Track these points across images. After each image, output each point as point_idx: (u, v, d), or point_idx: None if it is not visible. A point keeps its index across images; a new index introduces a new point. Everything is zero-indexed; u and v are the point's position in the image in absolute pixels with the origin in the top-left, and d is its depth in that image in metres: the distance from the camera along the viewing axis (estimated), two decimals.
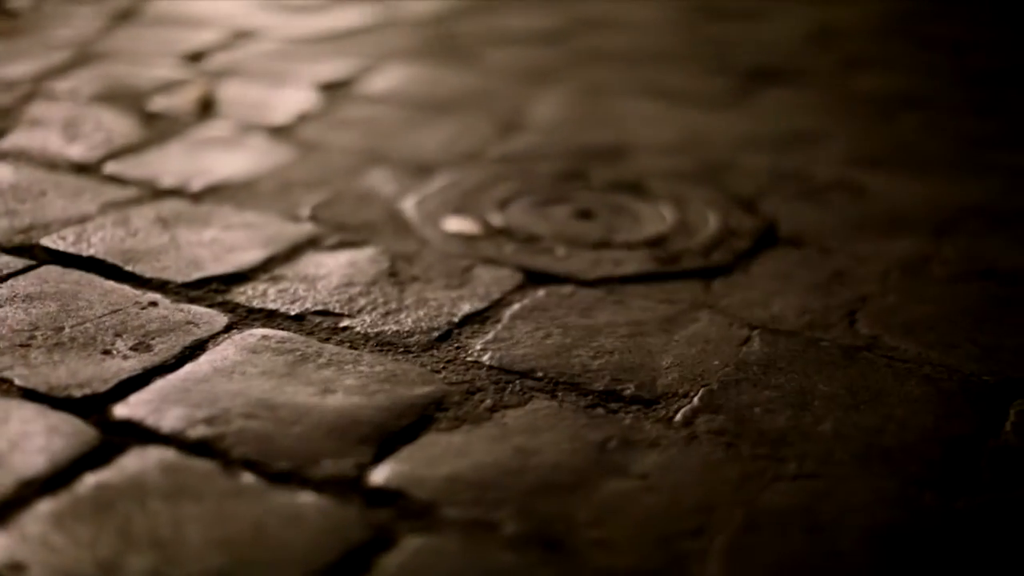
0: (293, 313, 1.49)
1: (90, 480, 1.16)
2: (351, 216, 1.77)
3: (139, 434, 1.24)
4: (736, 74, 2.59)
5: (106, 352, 1.39)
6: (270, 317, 1.48)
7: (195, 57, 2.48)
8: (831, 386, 1.39)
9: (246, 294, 1.53)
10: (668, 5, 3.18)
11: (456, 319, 1.50)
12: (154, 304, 1.50)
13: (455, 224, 1.73)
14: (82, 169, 1.91)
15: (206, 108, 2.16)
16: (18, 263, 1.60)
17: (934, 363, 1.45)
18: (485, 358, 1.41)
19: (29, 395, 1.30)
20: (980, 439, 1.31)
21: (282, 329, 1.46)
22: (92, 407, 1.29)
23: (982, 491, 1.22)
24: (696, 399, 1.35)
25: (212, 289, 1.54)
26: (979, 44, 2.95)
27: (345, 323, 1.48)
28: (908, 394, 1.38)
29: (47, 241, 1.66)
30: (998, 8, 3.35)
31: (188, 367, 1.37)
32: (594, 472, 1.22)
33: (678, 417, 1.31)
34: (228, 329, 1.45)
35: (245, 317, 1.48)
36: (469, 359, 1.41)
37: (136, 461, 1.20)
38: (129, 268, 1.59)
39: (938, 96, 2.51)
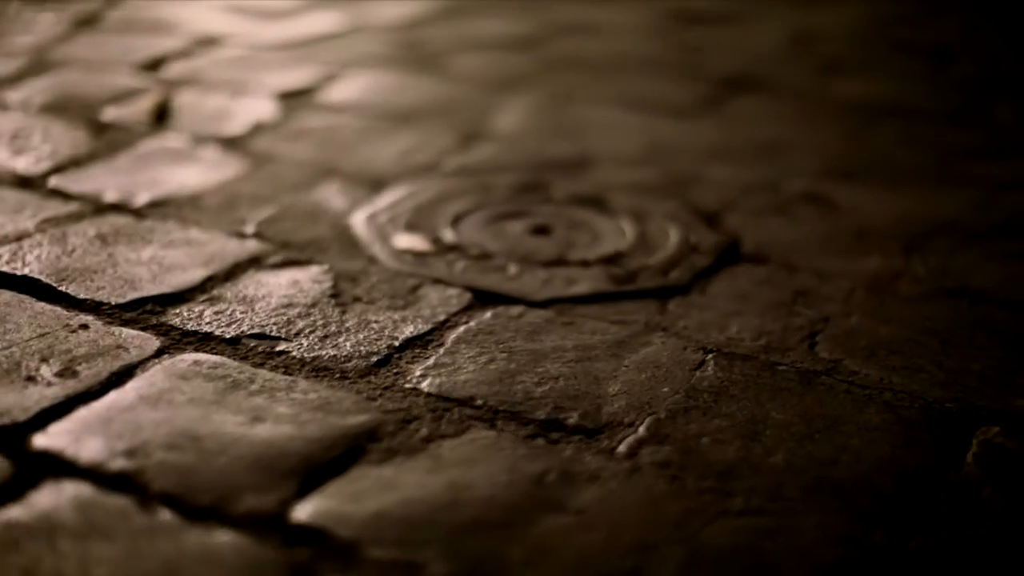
0: (228, 336, 1.43)
1: None
2: (297, 233, 1.70)
3: (56, 467, 1.18)
4: (709, 81, 2.53)
5: (30, 379, 1.33)
6: (204, 340, 1.42)
7: (154, 65, 2.41)
8: (785, 414, 1.32)
9: (181, 316, 1.47)
10: (645, 10, 3.12)
11: (397, 343, 1.44)
12: (85, 327, 1.44)
13: (405, 241, 1.67)
14: (25, 183, 1.85)
15: (160, 118, 2.10)
16: None
17: (896, 389, 1.39)
18: (424, 385, 1.35)
19: None
20: (939, 471, 1.25)
21: (216, 353, 1.40)
22: (11, 437, 1.22)
23: (938, 528, 1.15)
24: (642, 429, 1.29)
25: (147, 311, 1.48)
26: (964, 49, 2.89)
27: (281, 347, 1.42)
28: (866, 422, 1.32)
29: None
30: (985, 11, 3.28)
31: (113, 394, 1.31)
32: (529, 507, 1.16)
33: (621, 448, 1.25)
34: (159, 354, 1.39)
35: (178, 341, 1.42)
36: (407, 386, 1.35)
37: (49, 496, 1.14)
38: (63, 288, 1.53)
39: (918, 104, 2.45)
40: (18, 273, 1.56)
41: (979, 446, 1.29)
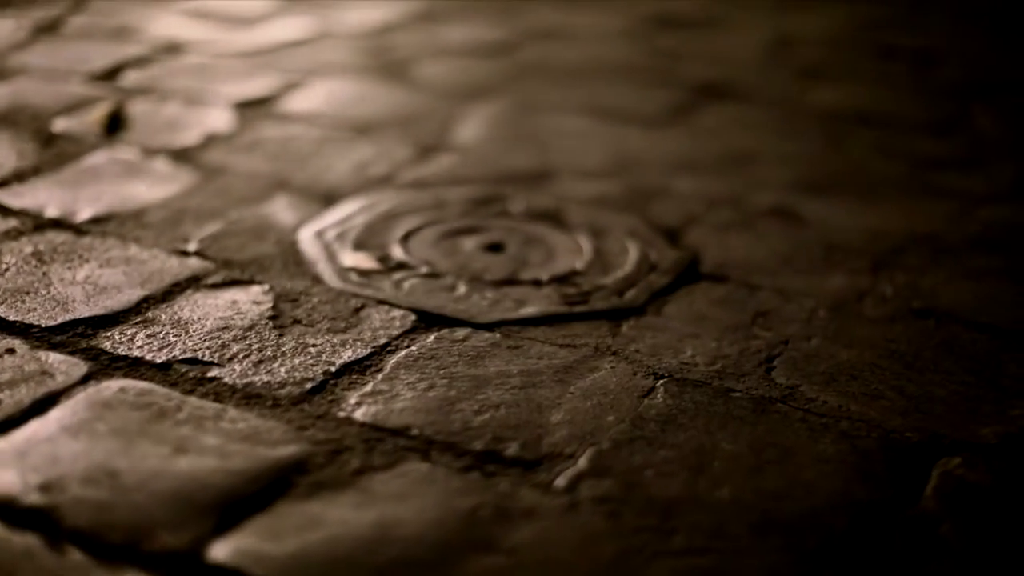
0: (159, 361, 1.37)
1: None
2: (242, 250, 1.64)
3: None
4: (682, 89, 2.47)
5: None
6: (134, 366, 1.36)
7: (111, 73, 2.35)
8: (735, 444, 1.26)
9: (113, 339, 1.41)
10: (623, 14, 3.05)
11: (334, 368, 1.38)
12: (11, 351, 1.38)
13: (352, 259, 1.61)
14: None
15: (112, 129, 2.04)
16: None
17: (854, 417, 1.33)
18: (358, 413, 1.29)
19: None
20: (895, 506, 1.19)
21: (145, 379, 1.34)
22: None
23: (891, 569, 1.09)
24: (583, 460, 1.22)
25: (77, 334, 1.42)
26: (947, 55, 2.83)
27: (213, 373, 1.35)
28: (820, 453, 1.26)
29: None
30: (973, 14, 3.22)
31: (34, 424, 1.25)
32: (460, 546, 1.10)
33: (560, 481, 1.19)
34: (86, 380, 1.33)
35: (107, 366, 1.36)
36: (341, 415, 1.29)
37: None
38: None
39: (896, 112, 2.39)
40: None
41: (939, 479, 1.24)
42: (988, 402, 1.38)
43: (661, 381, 1.37)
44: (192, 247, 1.65)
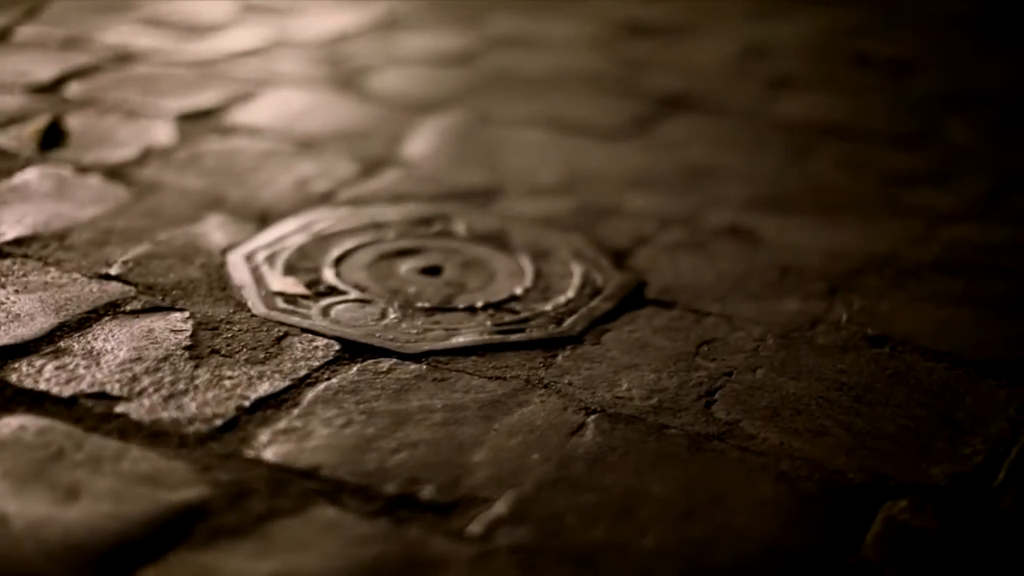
0: (65, 396, 1.29)
1: None
2: (166, 274, 1.57)
3: None
4: (645, 100, 2.39)
5: None
6: (37, 401, 1.28)
7: (54, 85, 2.27)
8: (666, 486, 1.19)
9: (20, 372, 1.33)
10: (591, 22, 2.97)
11: (248, 403, 1.30)
12: None
13: (280, 283, 1.54)
14: None
15: (48, 144, 1.97)
16: None
17: (795, 456, 1.25)
18: (268, 453, 1.22)
19: None
20: (833, 554, 1.11)
21: (47, 416, 1.26)
22: None
23: None
24: (501, 504, 1.15)
25: None
26: (923, 63, 2.75)
27: (120, 408, 1.28)
28: (756, 496, 1.18)
29: None
30: (947, 22, 3.14)
31: None
32: None
33: (475, 528, 1.12)
34: None
35: (10, 400, 1.28)
36: (250, 454, 1.22)
37: None
38: None
39: (866, 124, 2.31)
40: None
41: (882, 524, 1.16)
42: (940, 439, 1.30)
43: (592, 416, 1.30)
44: (114, 271, 1.57)
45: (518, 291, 1.54)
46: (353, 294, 1.52)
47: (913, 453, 1.28)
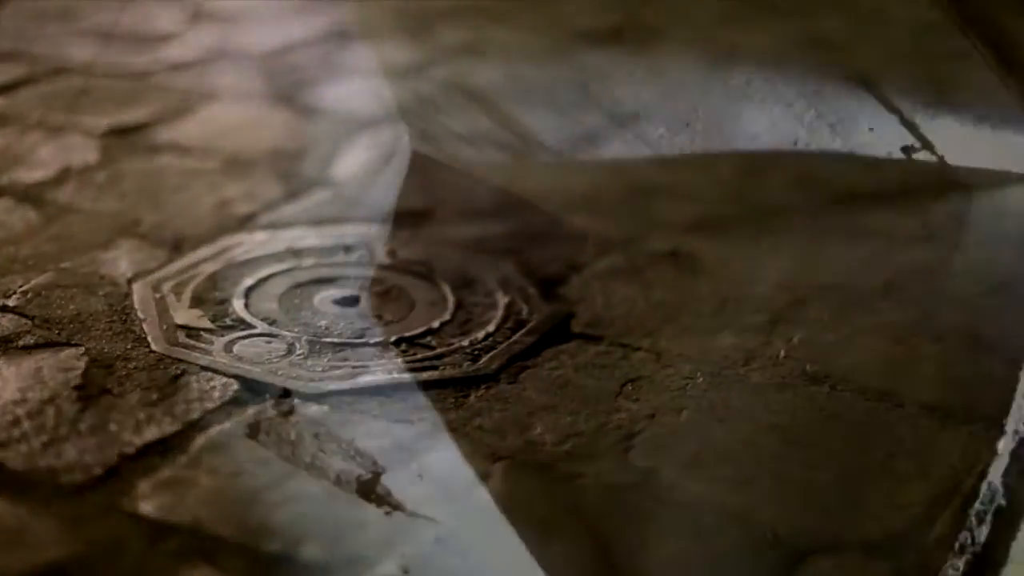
0: None
1: None
2: (66, 306, 1.48)
3: None
4: (599, 113, 2.30)
5: None
6: None
7: None
8: (570, 545, 1.10)
9: None
10: (550, 30, 2.87)
11: (132, 450, 1.21)
12: None
13: (185, 316, 1.45)
14: None
15: None
16: None
17: (715, 508, 1.17)
18: (148, 506, 1.13)
19: None
20: None
21: None
22: None
23: None
24: (390, 565, 1.07)
25: None
26: (897, 72, 2.66)
27: None
28: (665, 556, 1.10)
29: None
30: (917, 31, 3.05)
31: None
32: None
33: None
34: None
35: None
36: (127, 507, 1.13)
37: None
38: None
39: (823, 140, 2.22)
40: None
41: None
42: (877, 488, 1.22)
43: (499, 464, 1.21)
44: (12, 302, 1.48)
45: (435, 324, 1.46)
46: (260, 327, 1.43)
47: (845, 505, 1.19)
